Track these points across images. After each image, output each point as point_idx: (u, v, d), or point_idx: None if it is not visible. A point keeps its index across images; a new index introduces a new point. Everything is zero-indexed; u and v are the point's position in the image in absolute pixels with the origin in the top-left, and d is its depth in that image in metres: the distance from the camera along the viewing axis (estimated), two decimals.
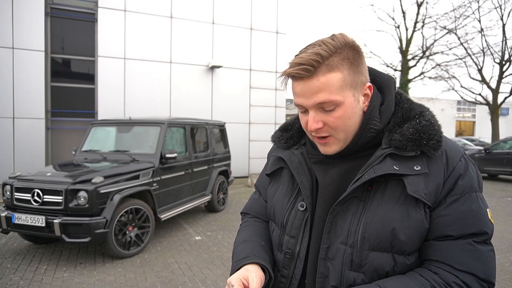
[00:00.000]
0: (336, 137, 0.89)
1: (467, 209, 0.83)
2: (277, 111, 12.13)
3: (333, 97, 0.83)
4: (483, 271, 0.81)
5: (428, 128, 0.86)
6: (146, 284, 3.73)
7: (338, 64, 0.83)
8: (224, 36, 11.21)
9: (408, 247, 0.84)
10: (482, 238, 0.83)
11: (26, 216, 4.13)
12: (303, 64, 0.82)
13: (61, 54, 9.90)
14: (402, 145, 0.85)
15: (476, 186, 0.86)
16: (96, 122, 6.13)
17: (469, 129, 34.82)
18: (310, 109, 0.87)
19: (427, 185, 0.83)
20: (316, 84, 0.83)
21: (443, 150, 0.87)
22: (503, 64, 17.35)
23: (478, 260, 0.82)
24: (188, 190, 5.97)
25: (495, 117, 17.65)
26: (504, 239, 5.35)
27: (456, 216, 0.83)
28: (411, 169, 0.83)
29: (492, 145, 12.55)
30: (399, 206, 0.83)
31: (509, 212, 7.18)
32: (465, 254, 0.81)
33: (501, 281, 3.88)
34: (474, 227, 0.83)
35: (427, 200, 0.82)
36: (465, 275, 0.81)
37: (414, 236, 0.83)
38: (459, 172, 0.85)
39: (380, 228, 0.83)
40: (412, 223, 0.83)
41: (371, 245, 0.84)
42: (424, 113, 0.90)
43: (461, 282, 0.80)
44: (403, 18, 17.33)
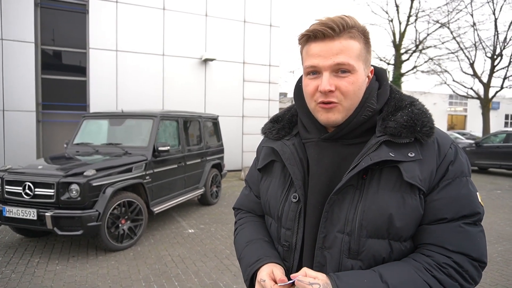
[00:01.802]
0: (344, 104, 0.90)
1: (459, 193, 0.86)
2: (270, 105, 12.11)
3: (351, 61, 0.87)
4: (475, 251, 0.84)
5: (421, 116, 0.90)
6: (139, 277, 3.74)
7: (357, 36, 0.89)
8: (217, 28, 11.13)
9: (404, 233, 0.86)
10: (473, 219, 0.86)
11: (18, 209, 4.10)
12: (330, 24, 0.86)
13: (52, 46, 9.74)
14: (397, 132, 0.87)
15: (466, 171, 0.90)
16: (88, 115, 6.07)
17: (460, 123, 35.16)
18: (325, 71, 0.88)
19: (422, 171, 0.85)
20: (337, 46, 0.87)
21: (434, 138, 0.89)
22: (494, 58, 17.48)
23: (469, 241, 0.84)
24: (181, 183, 5.97)
25: (486, 111, 17.82)
26: (493, 231, 5.45)
27: (448, 200, 0.86)
28: (405, 156, 0.85)
29: (483, 138, 12.70)
30: (395, 193, 0.85)
31: (499, 205, 7.30)
32: (457, 236, 0.84)
33: (490, 271, 3.95)
34: (466, 209, 0.86)
35: (422, 186, 0.85)
36: (458, 256, 0.83)
37: (410, 222, 0.86)
38: (450, 158, 0.89)
39: (377, 215, 0.85)
40: (408, 209, 0.85)
41: (369, 232, 0.85)
42: (415, 103, 0.94)
43: (453, 262, 0.83)
44: (397, 11, 17.33)
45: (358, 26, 0.89)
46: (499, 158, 11.42)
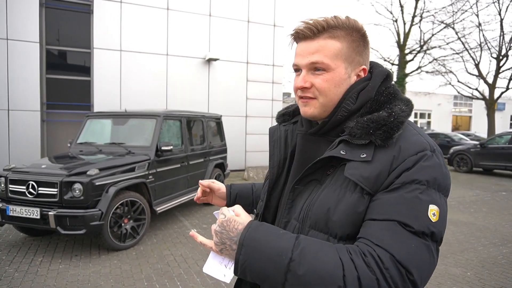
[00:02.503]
0: (319, 100, 0.94)
1: (400, 196, 0.80)
2: (274, 105, 12.10)
3: (326, 60, 0.91)
4: (401, 253, 0.76)
5: (382, 119, 0.87)
6: (142, 276, 3.74)
7: (340, 36, 0.92)
8: (221, 28, 11.13)
9: (338, 229, 0.85)
10: (408, 229, 0.79)
11: (21, 208, 4.12)
12: (309, 25, 0.92)
13: (57, 46, 9.79)
14: (353, 133, 0.88)
15: (421, 179, 0.81)
16: (91, 114, 6.09)
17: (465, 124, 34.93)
18: (303, 69, 0.94)
19: (367, 171, 0.84)
20: (314, 45, 0.92)
21: (397, 143, 0.86)
22: (500, 59, 17.35)
23: (398, 242, 0.77)
24: (184, 183, 5.97)
25: (491, 112, 17.69)
26: (497, 233, 5.40)
27: (386, 201, 0.81)
28: (357, 156, 0.86)
29: (488, 140, 12.61)
30: (340, 190, 0.87)
31: (503, 206, 7.24)
32: (385, 233, 0.78)
33: (494, 273, 3.92)
34: (401, 215, 0.79)
35: (363, 185, 0.83)
36: (382, 251, 0.77)
37: (344, 219, 0.84)
38: (408, 165, 0.82)
39: (318, 207, 0.88)
40: (345, 205, 0.84)
41: (311, 223, 0.90)
42: (395, 107, 0.91)
43: (376, 255, 0.76)
44: (401, 12, 17.24)
45: (345, 26, 0.92)
46: (504, 159, 11.33)
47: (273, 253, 0.78)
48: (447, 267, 4.09)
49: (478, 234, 5.36)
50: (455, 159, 12.97)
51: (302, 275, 0.75)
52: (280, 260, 0.76)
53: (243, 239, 0.82)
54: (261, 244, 0.80)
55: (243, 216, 0.88)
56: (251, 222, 0.85)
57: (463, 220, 6.11)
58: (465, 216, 6.39)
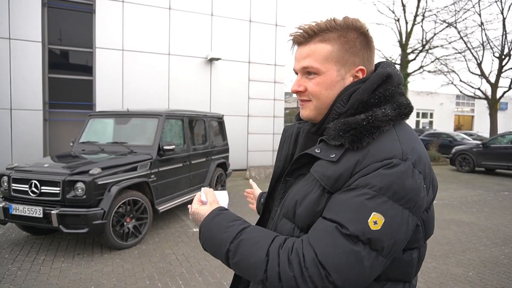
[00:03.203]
0: (313, 103, 0.98)
1: (348, 199, 0.82)
2: (276, 104, 12.09)
3: (315, 64, 0.93)
4: (323, 254, 0.78)
5: (354, 122, 0.87)
6: (144, 275, 3.75)
7: (331, 39, 0.93)
8: (223, 28, 11.13)
9: (300, 221, 0.91)
10: (344, 231, 0.79)
11: (24, 207, 4.13)
12: (301, 31, 0.95)
13: (59, 45, 9.81)
14: (329, 133, 0.91)
15: (377, 186, 0.80)
16: (93, 113, 6.11)
17: (467, 124, 34.83)
18: (298, 73, 0.99)
19: (330, 170, 0.87)
20: (306, 51, 0.95)
21: (366, 147, 0.85)
22: (502, 58, 17.29)
23: (327, 243, 0.79)
24: (186, 182, 5.98)
25: (493, 111, 17.64)
26: (499, 233, 5.39)
27: (337, 201, 0.84)
28: (328, 156, 0.89)
29: (490, 139, 12.57)
30: (309, 185, 0.91)
31: (506, 206, 7.22)
32: (321, 233, 0.82)
33: (496, 273, 3.91)
34: (341, 216, 0.81)
35: (324, 183, 0.87)
36: (309, 249, 0.81)
37: (304, 212, 0.90)
38: (369, 170, 0.82)
39: (290, 198, 0.95)
40: (307, 200, 0.90)
41: (284, 212, 0.97)
42: (378, 110, 0.88)
43: (302, 253, 0.81)
44: (403, 11, 17.20)
45: (339, 28, 0.92)
46: (507, 159, 11.30)
47: (217, 242, 0.93)
48: (449, 267, 4.09)
49: (480, 234, 5.35)
50: (457, 159, 12.93)
51: (236, 263, 0.89)
52: (222, 249, 0.92)
53: (201, 227, 1.00)
54: (212, 233, 0.96)
55: (206, 207, 1.04)
56: (210, 213, 1.00)
57: (465, 220, 6.10)
58: (467, 216, 6.38)
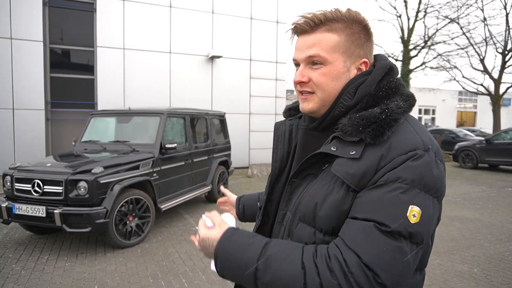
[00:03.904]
0: (318, 95, 0.93)
1: (381, 196, 0.79)
2: (277, 102, 12.06)
3: (323, 53, 0.89)
4: (368, 256, 0.75)
5: (373, 116, 0.85)
6: (147, 273, 3.75)
7: (338, 29, 0.90)
8: (224, 25, 11.10)
9: (324, 224, 0.85)
10: (384, 228, 0.77)
11: (27, 207, 4.14)
12: (307, 19, 0.91)
13: (60, 45, 9.81)
14: (345, 129, 0.87)
15: (408, 179, 0.78)
16: (95, 112, 6.10)
17: (470, 120, 34.67)
18: (301, 63, 0.94)
19: (353, 168, 0.83)
20: (311, 40, 0.91)
21: (388, 141, 0.83)
22: (505, 54, 17.18)
23: (369, 244, 0.76)
24: (188, 180, 5.97)
25: (496, 107, 17.55)
26: (504, 229, 5.36)
27: (368, 199, 0.80)
28: (347, 153, 0.85)
29: (493, 135, 12.51)
30: (328, 185, 0.87)
31: (510, 202, 7.19)
32: (360, 234, 0.78)
33: (501, 270, 3.89)
34: (378, 214, 0.78)
35: (349, 182, 0.82)
36: (349, 253, 0.76)
37: (329, 214, 0.84)
38: (396, 164, 0.80)
39: (307, 201, 0.89)
40: (331, 201, 0.85)
41: (300, 216, 0.91)
42: (391, 103, 0.88)
43: (342, 258, 0.76)
44: (405, 7, 17.10)
45: (344, 19, 0.90)
46: (510, 155, 11.25)
47: (242, 264, 0.83)
48: (454, 263, 4.07)
49: (485, 230, 5.32)
50: (460, 155, 12.87)
51: (268, 283, 0.80)
52: (248, 270, 0.82)
53: (216, 252, 0.88)
54: (232, 256, 0.86)
55: (216, 230, 0.91)
56: (224, 234, 0.89)
57: (469, 217, 6.07)
58: (471, 213, 6.35)
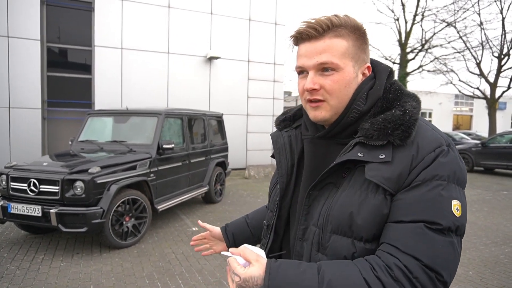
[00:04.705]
0: (330, 102, 0.91)
1: (423, 195, 0.80)
2: (275, 103, 12.08)
3: (335, 60, 0.88)
4: (428, 257, 0.76)
5: (398, 118, 0.86)
6: (143, 274, 3.74)
7: (345, 35, 0.89)
8: (222, 27, 11.10)
9: (365, 232, 0.84)
10: (435, 227, 0.78)
11: (22, 206, 4.11)
12: (313, 24, 0.89)
13: (58, 44, 9.78)
14: (369, 134, 0.86)
15: (442, 174, 0.81)
16: (92, 112, 6.08)
17: (466, 123, 34.86)
18: (310, 70, 0.91)
19: (387, 171, 0.83)
20: (321, 45, 0.89)
21: (414, 141, 0.85)
22: (501, 58, 17.31)
23: (425, 245, 0.77)
24: (185, 181, 5.96)
25: (492, 111, 17.67)
26: (499, 232, 5.39)
27: (410, 200, 0.80)
28: (376, 157, 0.84)
29: (489, 139, 12.58)
30: (360, 192, 0.85)
31: (505, 205, 7.23)
32: (412, 237, 0.78)
33: (496, 273, 3.91)
34: (426, 214, 0.79)
35: (386, 186, 0.82)
36: (408, 258, 0.77)
37: (370, 221, 0.83)
38: (428, 162, 0.82)
39: (339, 211, 0.86)
40: (369, 207, 0.83)
41: (333, 228, 0.87)
42: (406, 104, 0.90)
43: (402, 265, 0.76)
44: (403, 10, 17.22)
45: (348, 25, 0.90)
46: (506, 158, 11.31)
47: None
48: None
49: (480, 233, 5.35)
50: None
51: None
52: None
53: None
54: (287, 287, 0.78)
55: (256, 266, 0.82)
56: (269, 269, 0.81)
57: None
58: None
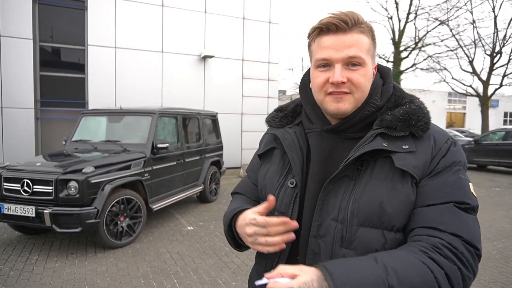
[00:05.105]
0: (354, 95, 0.92)
1: (446, 179, 0.87)
2: (269, 102, 12.09)
3: (362, 55, 0.90)
4: (467, 233, 0.81)
5: (417, 111, 0.92)
6: (138, 274, 3.73)
7: (366, 32, 0.92)
8: (216, 25, 11.08)
9: (396, 221, 0.85)
10: (464, 206, 0.85)
11: (16, 206, 4.08)
12: (343, 17, 0.89)
13: (50, 43, 9.70)
14: (392, 125, 0.89)
15: (458, 161, 0.90)
16: (86, 111, 6.05)
17: (459, 121, 35.15)
18: (336, 63, 0.90)
19: (415, 160, 0.87)
20: (350, 39, 0.89)
21: (430, 133, 0.92)
22: (494, 56, 17.49)
23: (461, 222, 0.82)
24: (180, 181, 5.96)
25: (485, 108, 17.85)
26: (491, 228, 5.46)
27: (437, 185, 0.86)
28: (399, 147, 0.88)
29: (482, 136, 12.70)
30: (386, 182, 0.86)
31: (497, 202, 7.31)
32: (448, 216, 0.83)
33: (488, 268, 3.96)
34: (455, 195, 0.85)
35: (414, 173, 0.85)
36: (450, 236, 0.80)
37: (401, 209, 0.85)
38: (444, 152, 0.90)
39: (368, 202, 0.85)
40: (399, 196, 0.85)
41: (360, 220, 0.86)
42: (414, 100, 0.97)
43: (447, 243, 0.79)
44: (396, 9, 17.31)
45: (366, 23, 0.93)
46: (498, 155, 11.43)
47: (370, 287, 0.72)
48: None
49: None
50: None
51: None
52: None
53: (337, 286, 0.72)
54: (355, 282, 0.73)
55: (303, 274, 0.75)
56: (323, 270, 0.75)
57: None
58: None
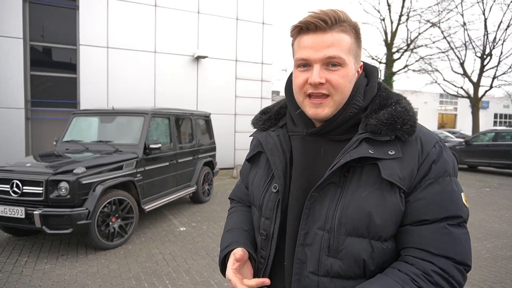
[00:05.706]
0: (334, 98, 0.89)
1: (441, 192, 0.84)
2: (262, 103, 12.09)
3: (342, 55, 0.86)
4: (459, 254, 0.82)
5: (403, 114, 0.88)
6: (130, 275, 3.71)
7: (349, 31, 0.88)
8: (209, 26, 11.07)
9: (384, 231, 0.84)
10: (456, 221, 0.83)
11: (5, 208, 4.03)
12: (322, 16, 0.85)
13: (41, 42, 9.59)
14: (377, 130, 0.86)
15: (450, 170, 0.87)
16: (77, 112, 5.99)
17: (451, 122, 35.54)
18: (315, 63, 0.87)
19: (402, 169, 0.84)
20: (329, 39, 0.86)
21: (417, 136, 0.88)
22: (484, 58, 17.72)
23: (453, 243, 0.82)
24: (172, 181, 5.93)
25: (475, 110, 18.06)
26: (481, 228, 5.52)
27: (430, 200, 0.84)
28: (385, 153, 0.84)
29: (472, 137, 12.85)
30: (374, 191, 0.84)
31: (487, 202, 7.40)
32: (441, 238, 0.82)
33: (478, 267, 4.00)
34: (449, 210, 0.83)
35: (401, 185, 0.83)
36: (442, 260, 0.81)
37: (389, 220, 0.83)
38: (433, 157, 0.86)
39: (356, 212, 0.83)
40: (388, 206, 0.83)
41: (348, 230, 0.84)
42: (401, 101, 0.92)
43: (438, 269, 0.80)
44: (388, 11, 17.46)
45: (350, 21, 0.89)
46: (488, 156, 11.57)
47: None
48: None
49: None
50: None
51: None
52: None
53: None
54: None
55: None
56: None
57: None
58: None
